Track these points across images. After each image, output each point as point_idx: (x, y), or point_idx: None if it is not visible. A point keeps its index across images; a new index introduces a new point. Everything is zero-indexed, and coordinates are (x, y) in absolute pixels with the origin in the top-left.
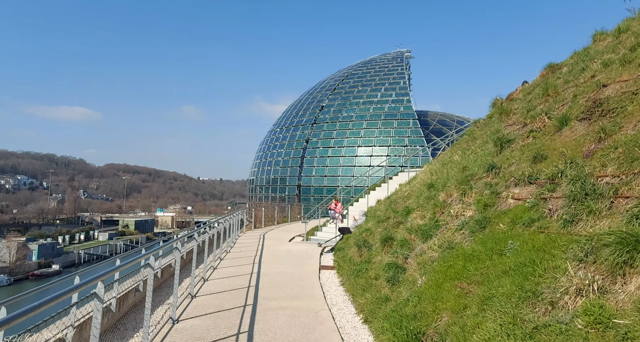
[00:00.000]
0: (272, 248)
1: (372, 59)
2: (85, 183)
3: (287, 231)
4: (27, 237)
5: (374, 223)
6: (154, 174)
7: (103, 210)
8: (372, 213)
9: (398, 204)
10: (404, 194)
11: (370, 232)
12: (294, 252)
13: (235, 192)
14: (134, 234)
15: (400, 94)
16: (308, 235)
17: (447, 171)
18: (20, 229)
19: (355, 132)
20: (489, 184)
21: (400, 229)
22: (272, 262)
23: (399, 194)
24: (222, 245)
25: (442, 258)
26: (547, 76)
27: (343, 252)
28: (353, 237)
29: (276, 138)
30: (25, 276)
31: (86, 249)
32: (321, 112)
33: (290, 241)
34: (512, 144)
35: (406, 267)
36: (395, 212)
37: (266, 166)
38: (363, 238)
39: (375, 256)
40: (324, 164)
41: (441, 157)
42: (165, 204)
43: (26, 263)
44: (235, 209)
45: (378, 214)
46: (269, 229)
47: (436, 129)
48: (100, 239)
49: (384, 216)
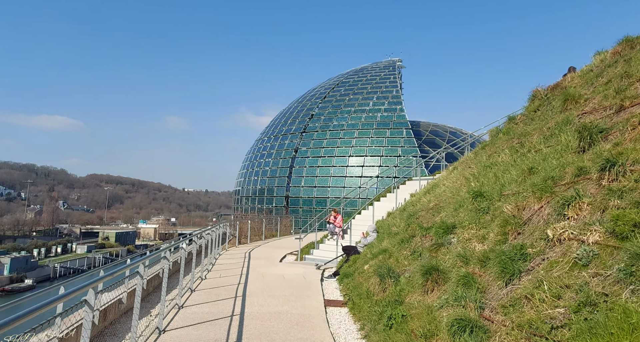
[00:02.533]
0: (261, 271)
1: (363, 68)
2: (65, 194)
3: (277, 247)
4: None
5: (392, 242)
6: (137, 185)
7: (83, 221)
8: (384, 228)
9: (422, 217)
10: (426, 205)
11: (390, 254)
12: (287, 278)
13: (221, 204)
14: (115, 247)
15: (393, 103)
16: (303, 253)
17: (498, 175)
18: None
19: (346, 141)
20: (610, 189)
21: (444, 255)
22: (261, 294)
23: (419, 206)
24: (194, 271)
25: (583, 329)
26: (625, 52)
27: (353, 281)
28: (363, 259)
29: (264, 147)
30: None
31: (62, 263)
32: (311, 120)
33: (281, 260)
34: (609, 134)
35: (488, 328)
36: (424, 229)
37: (253, 176)
38: (385, 265)
39: (410, 294)
40: (313, 174)
41: (474, 160)
42: (148, 216)
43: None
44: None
45: (394, 230)
46: (256, 245)
47: (429, 140)
48: (78, 252)
49: (407, 234)
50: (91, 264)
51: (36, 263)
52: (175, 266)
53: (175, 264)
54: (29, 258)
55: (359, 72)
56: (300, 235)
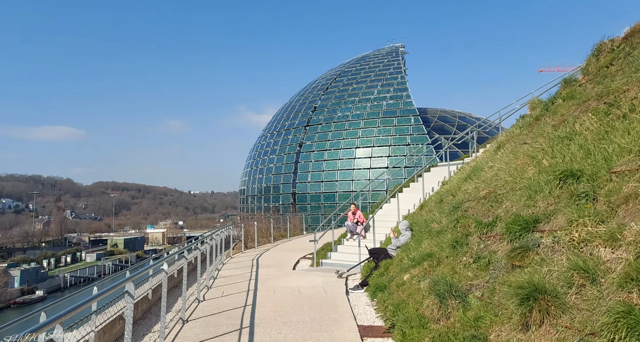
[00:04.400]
0: (271, 284)
1: (365, 56)
2: (72, 203)
3: (288, 250)
4: (9, 262)
5: (437, 244)
6: (143, 190)
7: (91, 230)
8: (420, 225)
9: (473, 209)
10: (473, 194)
11: (438, 261)
12: (305, 292)
13: (227, 204)
14: (124, 253)
15: (399, 90)
16: (319, 257)
17: (590, 147)
18: (3, 254)
19: (352, 132)
20: None
21: (538, 265)
22: (274, 321)
23: (461, 195)
24: (185, 295)
25: None
26: None
27: (392, 297)
28: (399, 265)
29: (267, 144)
30: (7, 305)
31: (72, 272)
32: (314, 113)
33: (294, 267)
34: None
35: None
36: (483, 225)
37: (257, 174)
38: (439, 278)
39: (495, 326)
40: (319, 168)
41: (531, 134)
42: (155, 220)
43: (8, 290)
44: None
45: (434, 227)
46: (264, 249)
47: (437, 126)
48: (87, 261)
49: (457, 232)
50: (101, 272)
51: (46, 274)
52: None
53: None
54: (38, 269)
55: (361, 61)
56: (315, 236)
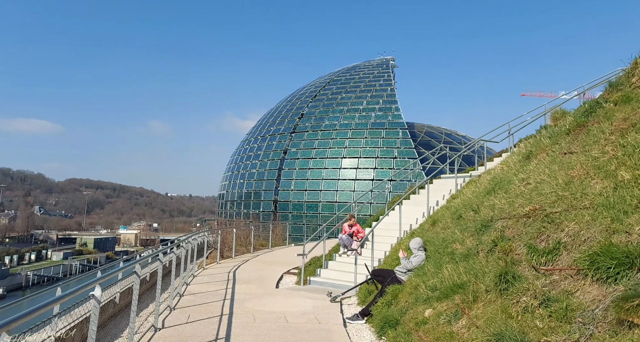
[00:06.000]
0: (250, 307)
1: (355, 66)
2: (43, 199)
3: (269, 263)
4: None
5: (468, 270)
6: (119, 190)
7: (60, 227)
8: (436, 245)
9: (511, 230)
10: (507, 210)
11: (475, 296)
12: (293, 322)
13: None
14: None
15: (388, 102)
16: (306, 274)
17: None
18: None
19: (339, 142)
20: None
21: None
22: None
23: (487, 212)
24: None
25: None
26: None
27: (408, 339)
28: (413, 294)
29: (250, 148)
30: None
31: (36, 271)
32: (301, 120)
33: (278, 284)
34: None
35: None
36: (539, 253)
37: (238, 179)
38: (512, 333)
39: None
40: (304, 177)
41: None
42: (129, 221)
43: None
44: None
45: (456, 248)
46: (243, 259)
47: (424, 141)
48: (53, 259)
49: (500, 259)
50: (67, 272)
51: (7, 271)
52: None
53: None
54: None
55: (351, 70)
56: (304, 249)
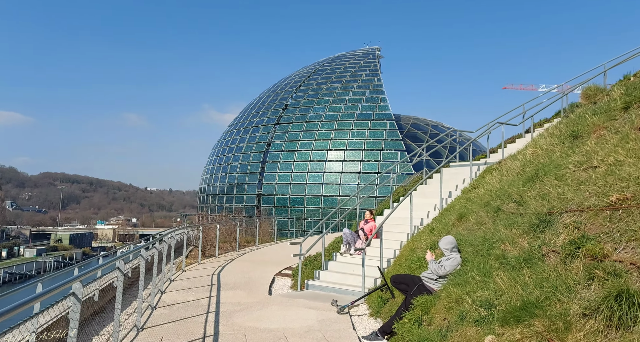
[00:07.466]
0: (240, 323)
1: (340, 55)
2: (15, 193)
3: (258, 262)
4: None
5: (539, 282)
6: (95, 184)
7: (34, 223)
8: (475, 245)
9: (609, 228)
10: (582, 203)
11: (568, 323)
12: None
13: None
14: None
15: (375, 92)
16: (303, 276)
17: None
18: None
19: (324, 133)
20: None
21: None
22: None
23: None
24: None
25: None
26: None
27: None
28: (455, 311)
29: (232, 140)
30: None
31: (7, 268)
32: (285, 111)
33: (270, 290)
34: None
35: None
36: None
37: (220, 172)
38: None
39: None
40: (288, 169)
41: None
42: (107, 216)
43: None
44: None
45: (506, 249)
46: (228, 259)
47: (410, 133)
48: (26, 256)
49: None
50: (40, 269)
51: None
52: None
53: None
54: None
55: (336, 60)
56: (301, 248)
